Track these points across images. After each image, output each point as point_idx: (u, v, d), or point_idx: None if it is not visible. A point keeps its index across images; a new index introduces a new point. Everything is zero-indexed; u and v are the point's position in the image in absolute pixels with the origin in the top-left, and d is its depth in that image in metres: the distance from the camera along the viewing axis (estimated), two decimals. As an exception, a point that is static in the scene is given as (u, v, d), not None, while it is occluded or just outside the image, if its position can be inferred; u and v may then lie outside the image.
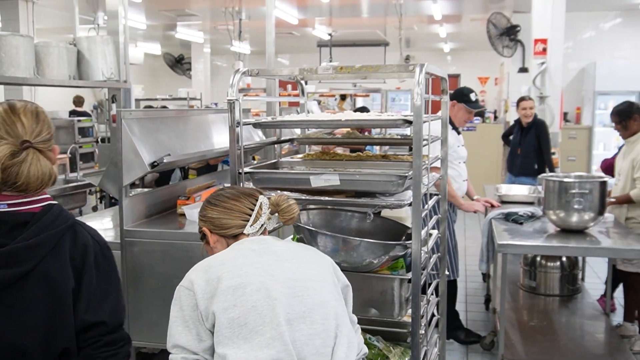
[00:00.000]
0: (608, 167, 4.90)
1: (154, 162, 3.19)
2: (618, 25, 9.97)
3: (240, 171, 2.35)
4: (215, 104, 11.74)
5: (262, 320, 1.57)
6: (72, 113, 10.17)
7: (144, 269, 3.21)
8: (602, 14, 9.94)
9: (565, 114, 9.24)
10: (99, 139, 8.49)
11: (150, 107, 10.24)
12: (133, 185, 3.69)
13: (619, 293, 4.60)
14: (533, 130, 6.10)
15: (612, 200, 4.13)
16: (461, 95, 4.05)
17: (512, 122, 7.40)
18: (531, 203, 4.39)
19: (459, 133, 4.19)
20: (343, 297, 1.79)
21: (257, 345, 1.55)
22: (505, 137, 7.07)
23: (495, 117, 10.98)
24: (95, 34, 6.82)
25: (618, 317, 4.50)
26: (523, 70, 8.89)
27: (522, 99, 6.23)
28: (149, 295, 3.18)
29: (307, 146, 3.30)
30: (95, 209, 6.39)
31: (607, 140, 9.24)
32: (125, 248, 3.22)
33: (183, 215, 3.49)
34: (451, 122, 4.07)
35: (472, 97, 4.09)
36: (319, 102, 9.29)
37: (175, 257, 3.13)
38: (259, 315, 1.57)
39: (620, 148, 5.22)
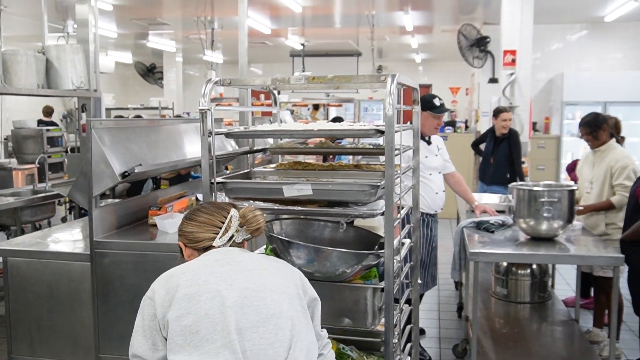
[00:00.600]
0: (572, 168, 5.36)
1: (125, 172, 3.16)
2: (584, 38, 10.21)
3: (213, 181, 2.34)
4: (188, 114, 11.67)
5: (214, 328, 1.57)
6: (40, 123, 9.99)
7: (115, 281, 3.16)
8: (568, 26, 10.18)
9: (534, 124, 9.41)
10: (68, 149, 8.37)
11: (121, 116, 10.13)
12: (103, 195, 3.65)
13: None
14: (506, 140, 6.17)
15: (580, 208, 4.19)
16: (424, 103, 3.91)
17: (482, 132, 7.49)
18: (502, 212, 4.44)
19: (428, 143, 4.10)
20: (310, 311, 1.79)
21: (206, 353, 1.55)
22: (475, 145, 7.12)
23: (467, 127, 11.12)
24: (65, 43, 6.73)
25: (587, 323, 4.57)
26: (493, 80, 9.04)
27: (501, 111, 6.22)
28: (120, 308, 3.14)
29: (280, 156, 3.30)
30: (64, 220, 6.29)
31: (575, 150, 9.43)
32: (95, 260, 3.17)
33: (154, 225, 3.45)
34: None
35: (436, 102, 4.01)
36: (292, 112, 9.29)
37: (147, 268, 3.09)
38: (211, 323, 1.58)
39: None
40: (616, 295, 3.36)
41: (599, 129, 4.25)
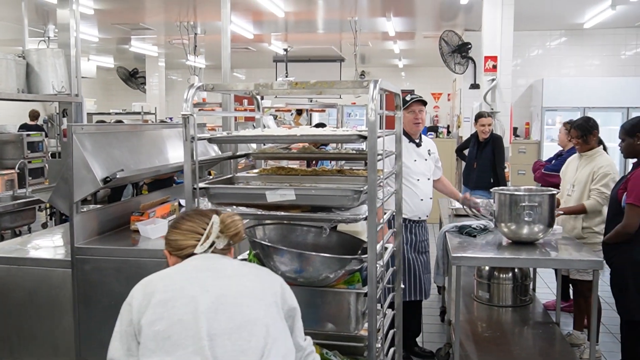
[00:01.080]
0: (538, 168, 5.65)
1: (107, 177, 3.13)
2: (563, 44, 10.36)
3: (195, 186, 2.33)
4: (170, 119, 11.61)
5: (186, 333, 1.57)
6: (22, 127, 9.89)
7: (96, 287, 3.13)
8: (548, 32, 10.32)
9: (515, 129, 9.50)
10: (49, 154, 8.29)
11: (103, 121, 10.06)
12: (85, 201, 3.61)
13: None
14: (489, 145, 6.22)
15: (560, 212, 4.24)
16: None
17: (464, 137, 7.54)
18: (484, 216, 4.47)
19: (418, 145, 4.07)
20: (290, 321, 1.78)
21: (178, 358, 1.55)
22: (459, 151, 7.17)
23: (449, 132, 11.21)
24: (46, 47, 6.66)
25: (568, 326, 4.62)
26: (474, 86, 9.13)
27: (481, 116, 6.27)
28: (101, 315, 3.10)
29: (263, 161, 3.30)
30: (45, 225, 6.21)
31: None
32: (77, 266, 3.14)
33: (137, 231, 3.42)
34: (406, 134, 3.98)
35: (407, 98, 3.96)
36: (275, 117, 9.28)
37: (129, 274, 3.06)
38: (184, 328, 1.58)
39: (557, 156, 5.47)
40: (596, 299, 3.39)
41: (589, 133, 4.29)
